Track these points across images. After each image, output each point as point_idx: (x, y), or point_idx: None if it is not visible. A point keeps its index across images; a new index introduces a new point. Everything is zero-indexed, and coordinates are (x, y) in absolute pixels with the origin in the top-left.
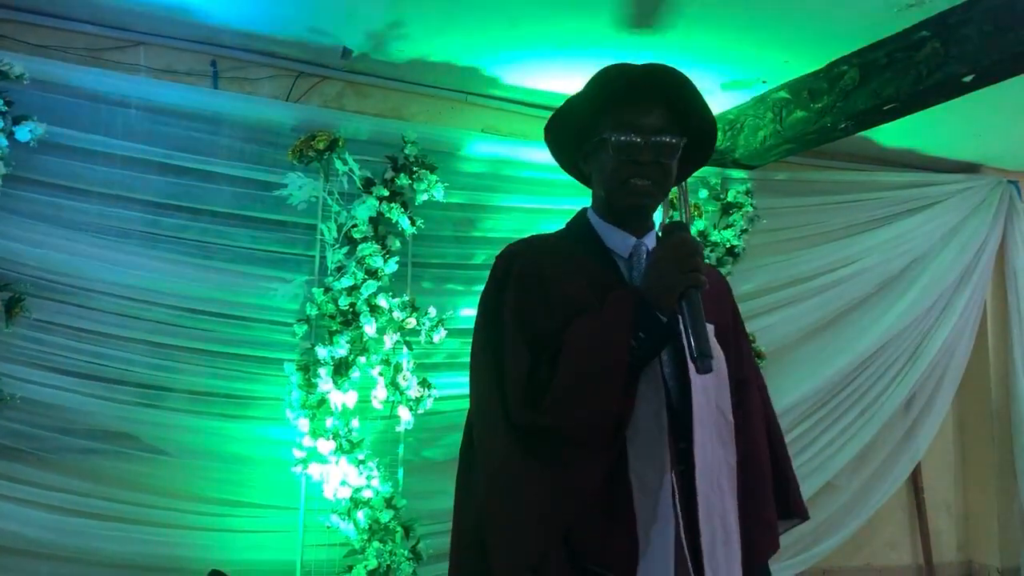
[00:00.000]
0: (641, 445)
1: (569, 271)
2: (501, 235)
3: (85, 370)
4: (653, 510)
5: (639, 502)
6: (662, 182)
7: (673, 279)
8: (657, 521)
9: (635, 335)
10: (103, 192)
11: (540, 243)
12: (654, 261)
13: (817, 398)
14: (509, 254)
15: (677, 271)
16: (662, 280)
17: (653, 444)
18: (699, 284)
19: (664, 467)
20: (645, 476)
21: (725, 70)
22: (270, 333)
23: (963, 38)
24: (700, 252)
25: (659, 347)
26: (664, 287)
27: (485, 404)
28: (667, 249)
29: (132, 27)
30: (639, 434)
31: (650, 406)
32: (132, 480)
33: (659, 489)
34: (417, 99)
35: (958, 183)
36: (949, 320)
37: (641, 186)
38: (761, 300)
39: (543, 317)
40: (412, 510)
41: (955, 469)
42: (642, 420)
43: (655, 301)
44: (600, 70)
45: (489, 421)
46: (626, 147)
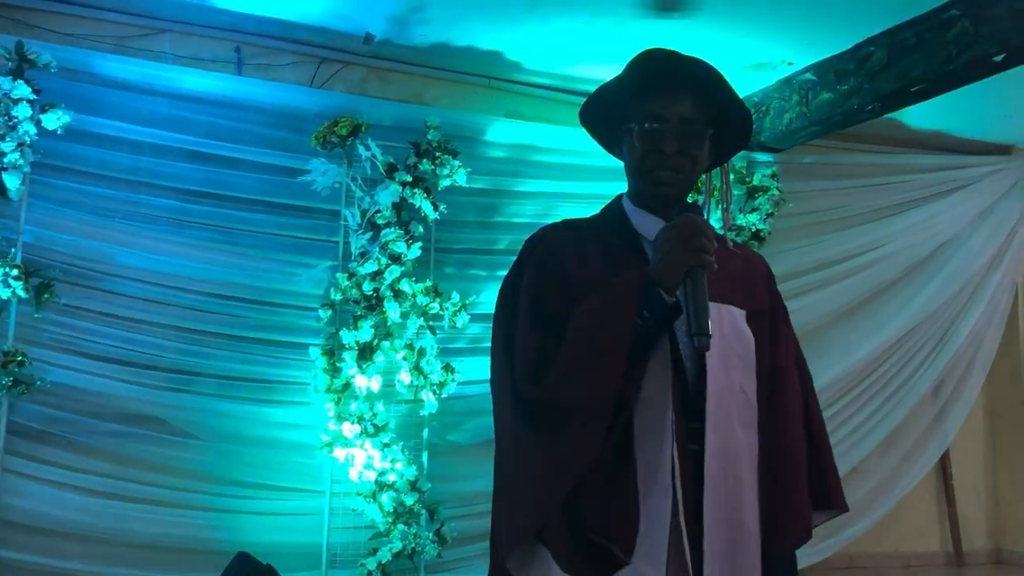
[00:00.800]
0: (647, 421)
1: (595, 254)
2: (524, 220)
3: (114, 355)
4: (652, 484)
5: (642, 477)
6: (688, 171)
7: (676, 258)
8: (655, 496)
9: (640, 314)
10: (130, 179)
11: (570, 226)
12: (660, 241)
13: (844, 383)
14: (536, 237)
15: (681, 250)
16: (666, 259)
17: (657, 421)
18: (702, 264)
19: (665, 443)
20: (648, 452)
21: (751, 52)
22: (295, 318)
23: (993, 17)
24: (704, 233)
25: (664, 326)
26: (668, 265)
27: (498, 379)
28: (673, 229)
29: (157, 15)
30: (646, 410)
31: (656, 383)
32: (161, 463)
33: (657, 465)
34: (440, 84)
35: (989, 165)
36: (979, 304)
37: (664, 176)
38: (787, 284)
39: (558, 297)
40: (436, 493)
41: (985, 455)
42: (649, 396)
43: (660, 280)
44: (635, 56)
45: (500, 395)
46: (651, 136)
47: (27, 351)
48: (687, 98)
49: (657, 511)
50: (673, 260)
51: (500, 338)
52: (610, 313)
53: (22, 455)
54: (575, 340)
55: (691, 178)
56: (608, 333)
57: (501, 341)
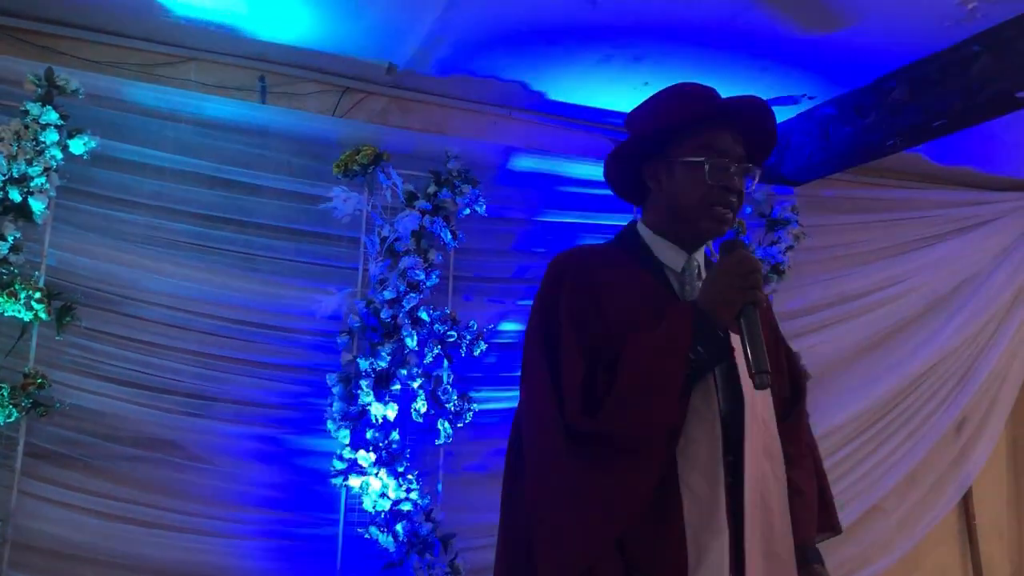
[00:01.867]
0: (693, 456)
1: (622, 282)
2: (543, 250)
3: (133, 379)
4: (706, 521)
5: (690, 512)
6: (738, 208)
7: (733, 295)
8: (712, 532)
9: (693, 348)
10: (153, 204)
11: (593, 253)
12: (715, 277)
13: (864, 419)
14: (562, 262)
15: (737, 288)
16: (723, 295)
17: (706, 456)
18: (758, 301)
19: (718, 479)
20: (697, 487)
21: (771, 85)
22: (313, 345)
23: (1016, 52)
24: (759, 270)
25: (716, 361)
26: (724, 302)
27: (538, 409)
28: (728, 265)
29: (184, 43)
30: (691, 445)
31: (703, 418)
32: (176, 488)
33: (713, 500)
34: (461, 114)
35: (1011, 201)
36: (1001, 341)
37: (723, 213)
38: (807, 319)
39: (597, 325)
40: (451, 523)
41: (1008, 494)
42: (694, 432)
43: (714, 316)
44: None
45: (542, 425)
46: (721, 172)
47: (47, 373)
48: (739, 134)
49: (711, 548)
50: (730, 297)
51: (539, 366)
52: (665, 347)
53: (39, 477)
54: (631, 373)
55: (737, 214)
56: (664, 367)
57: (541, 370)
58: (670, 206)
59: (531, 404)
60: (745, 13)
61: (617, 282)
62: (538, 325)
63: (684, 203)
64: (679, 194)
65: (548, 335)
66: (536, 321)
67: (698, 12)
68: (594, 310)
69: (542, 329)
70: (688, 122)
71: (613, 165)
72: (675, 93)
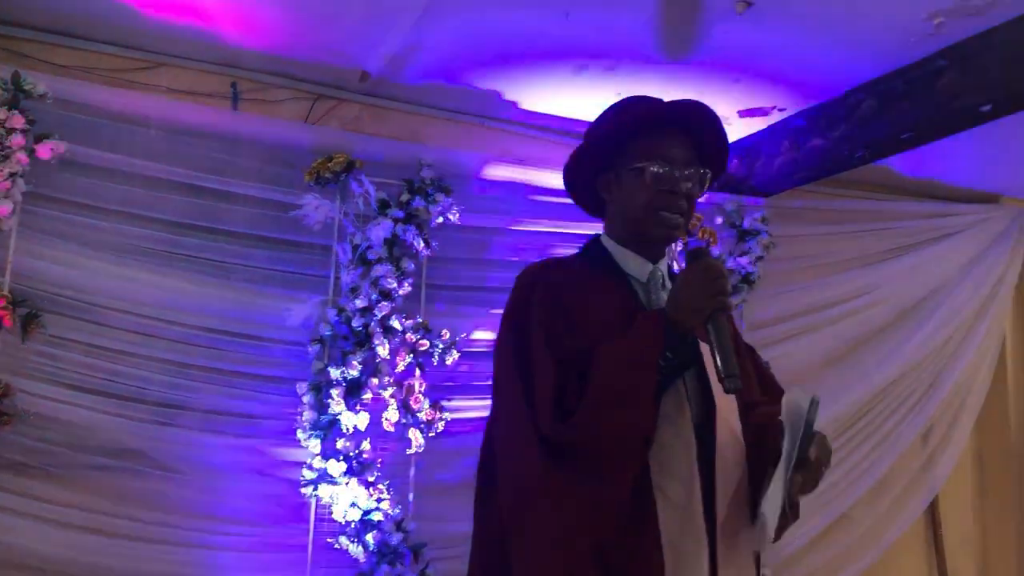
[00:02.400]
0: (667, 462)
1: (590, 293)
2: (516, 259)
3: (100, 387)
4: (685, 527)
5: (665, 519)
6: (689, 213)
7: (701, 302)
8: (692, 538)
9: (663, 355)
10: (122, 211)
11: (560, 265)
12: (682, 284)
13: (832, 428)
14: (531, 274)
15: (705, 294)
16: (691, 302)
17: (680, 462)
18: (726, 307)
19: (694, 485)
20: (672, 493)
21: (742, 97)
22: (284, 353)
23: (981, 68)
24: (726, 276)
25: (685, 367)
26: (693, 309)
27: (512, 420)
28: (696, 272)
29: (155, 49)
30: (664, 451)
31: (675, 425)
32: (145, 498)
33: (690, 507)
34: (434, 122)
35: (977, 214)
36: (967, 352)
37: (672, 218)
38: (776, 328)
39: (568, 336)
40: (422, 533)
41: (974, 503)
42: (667, 438)
43: (683, 323)
44: (627, 101)
45: (516, 437)
46: (664, 178)
47: (12, 382)
48: (686, 141)
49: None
50: (699, 304)
51: (511, 377)
52: (636, 353)
53: (2, 488)
54: (603, 380)
55: (690, 219)
56: (636, 373)
57: (513, 380)
58: (623, 216)
59: (504, 416)
60: (718, 24)
61: (585, 293)
62: (509, 338)
63: (633, 211)
64: (627, 202)
65: (519, 347)
66: (506, 334)
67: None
68: (564, 321)
69: (513, 342)
70: (631, 131)
71: (568, 180)
72: (618, 105)
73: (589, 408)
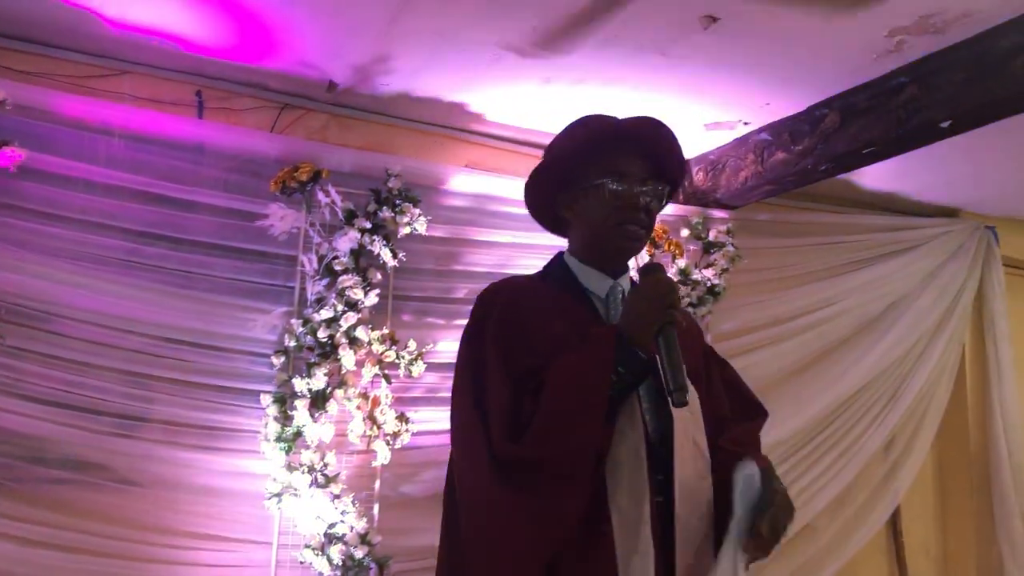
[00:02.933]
0: (621, 477)
1: (549, 310)
2: (483, 270)
3: (58, 398)
4: (633, 541)
5: (619, 533)
6: (649, 227)
7: (650, 316)
8: (637, 552)
9: (615, 370)
10: (82, 219)
11: (520, 283)
12: (632, 300)
13: (797, 439)
14: (490, 292)
15: (654, 309)
16: (641, 318)
17: (632, 476)
18: (674, 321)
19: (643, 498)
20: (624, 507)
21: (707, 111)
22: (247, 364)
23: (940, 84)
24: (676, 291)
25: (638, 382)
26: (642, 324)
27: (467, 439)
28: (644, 288)
29: (118, 56)
30: (618, 467)
31: (628, 439)
32: (104, 512)
33: (638, 520)
34: (402, 133)
35: (937, 227)
36: (928, 364)
37: (633, 231)
38: (741, 340)
39: (524, 354)
40: (387, 547)
41: (934, 513)
42: (620, 453)
43: (633, 337)
44: (583, 120)
45: (470, 455)
46: (623, 194)
47: None
48: (642, 157)
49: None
50: (647, 318)
51: (467, 393)
52: (587, 369)
53: None
54: (554, 397)
55: (650, 233)
56: (587, 389)
57: (469, 397)
58: (584, 232)
59: (460, 434)
60: (684, 40)
61: (544, 311)
62: (466, 355)
63: (593, 227)
64: (588, 219)
65: (474, 366)
66: (464, 352)
67: (637, 36)
68: (521, 339)
69: (470, 359)
70: (587, 149)
71: (528, 199)
72: (575, 124)
73: (540, 426)
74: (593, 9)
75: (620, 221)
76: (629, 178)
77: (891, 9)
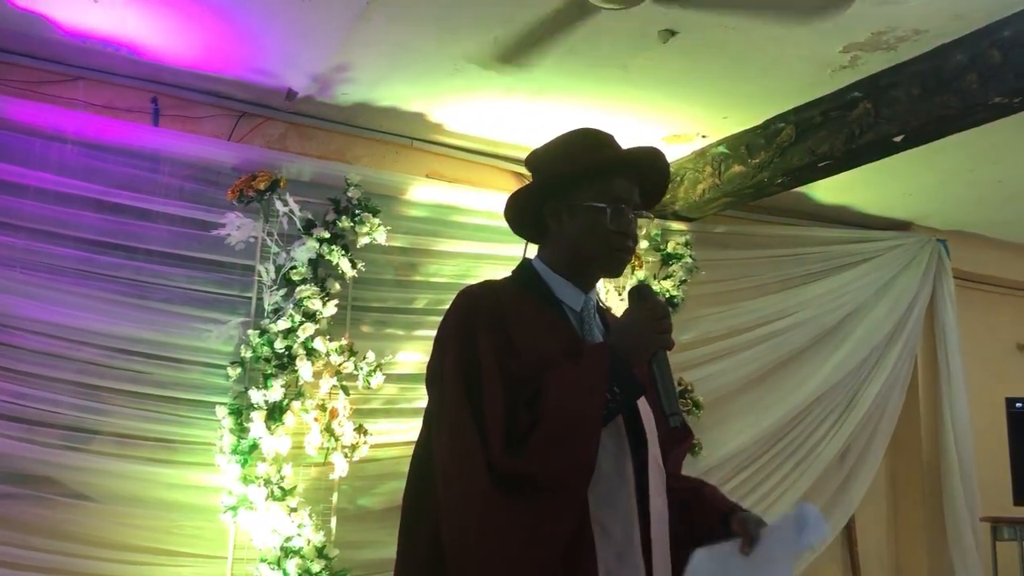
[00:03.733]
0: (605, 495)
1: (531, 319)
2: (443, 280)
3: (6, 411)
4: (624, 560)
5: (602, 552)
6: (633, 251)
7: (648, 339)
8: (628, 568)
9: (610, 389)
10: (34, 227)
11: (497, 290)
12: (632, 322)
13: (754, 449)
14: (472, 297)
15: (652, 332)
16: (639, 339)
17: (617, 494)
18: (670, 346)
19: (632, 518)
20: (610, 526)
21: (666, 124)
22: (203, 376)
23: (893, 100)
24: (669, 316)
25: (630, 402)
26: (641, 346)
27: (460, 449)
28: (645, 312)
29: (72, 61)
30: (602, 483)
31: (615, 457)
32: (52, 527)
33: (629, 540)
34: (361, 143)
35: (890, 240)
36: (881, 374)
37: (623, 256)
38: (699, 351)
39: (514, 362)
40: (345, 560)
41: (887, 522)
42: (607, 470)
43: (629, 358)
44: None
45: (465, 466)
46: (621, 218)
47: None
48: (636, 181)
49: None
50: (646, 341)
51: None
52: (586, 385)
53: None
54: (555, 413)
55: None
56: (586, 407)
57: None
58: (571, 246)
59: (452, 444)
60: (643, 53)
61: (527, 319)
62: (454, 362)
63: (586, 245)
64: (581, 236)
65: (466, 364)
66: (451, 358)
67: (597, 49)
68: (509, 347)
69: (459, 366)
70: (593, 169)
71: (514, 203)
72: (581, 138)
73: (541, 439)
74: (554, 22)
75: (615, 246)
76: (627, 204)
77: (846, 25)
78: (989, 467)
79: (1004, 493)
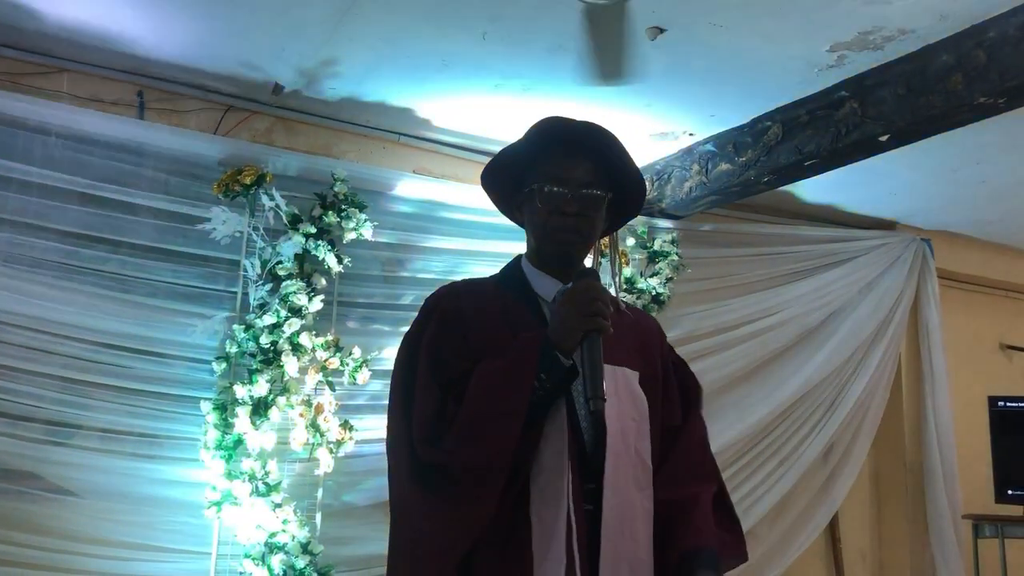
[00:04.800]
0: (544, 485)
1: (494, 314)
2: (430, 276)
3: None
4: (546, 550)
5: (537, 541)
6: (587, 233)
7: (574, 322)
8: (550, 561)
9: (538, 376)
10: (17, 220)
11: (470, 286)
12: (559, 306)
13: (739, 447)
14: (434, 297)
15: (579, 315)
16: (565, 323)
17: (554, 484)
18: (598, 328)
19: (561, 506)
20: (545, 516)
21: (654, 121)
22: (187, 370)
23: (879, 99)
24: (602, 298)
25: (561, 389)
26: (565, 329)
27: (395, 440)
28: (572, 293)
29: (56, 53)
30: (542, 474)
31: (553, 446)
32: (35, 523)
33: (555, 529)
34: (348, 137)
35: (875, 239)
36: (866, 372)
37: (562, 236)
38: (685, 348)
39: (458, 357)
40: (330, 556)
41: (871, 520)
42: (546, 460)
43: (557, 343)
44: (537, 122)
45: (396, 457)
46: (552, 198)
47: None
48: (587, 163)
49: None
50: (571, 324)
51: (398, 397)
52: (508, 375)
53: None
54: (473, 402)
55: (589, 239)
56: (506, 395)
57: (399, 401)
58: (531, 236)
59: (389, 435)
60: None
61: (488, 314)
62: (403, 356)
63: (535, 232)
64: (530, 224)
65: (410, 367)
66: (402, 353)
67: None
68: (458, 343)
69: (404, 360)
70: (535, 151)
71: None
72: (530, 129)
73: (458, 429)
74: (543, 18)
75: (554, 227)
76: (568, 183)
77: (833, 25)
78: (971, 465)
79: (986, 491)
